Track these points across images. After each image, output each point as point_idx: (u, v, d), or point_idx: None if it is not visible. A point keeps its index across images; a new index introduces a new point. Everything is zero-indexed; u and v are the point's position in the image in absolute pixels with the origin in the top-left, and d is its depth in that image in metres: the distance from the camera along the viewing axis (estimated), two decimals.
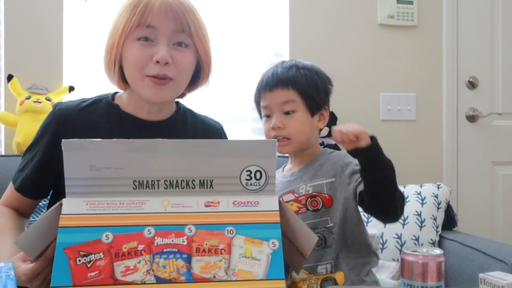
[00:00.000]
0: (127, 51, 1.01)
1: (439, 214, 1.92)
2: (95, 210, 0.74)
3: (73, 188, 0.74)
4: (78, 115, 1.07)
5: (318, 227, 1.13)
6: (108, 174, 0.74)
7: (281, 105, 1.14)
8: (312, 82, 1.16)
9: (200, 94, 2.06)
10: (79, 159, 0.73)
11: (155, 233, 0.73)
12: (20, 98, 1.92)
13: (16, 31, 1.99)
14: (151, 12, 0.98)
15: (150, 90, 1.01)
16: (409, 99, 2.39)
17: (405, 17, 2.37)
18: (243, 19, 2.24)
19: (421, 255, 0.78)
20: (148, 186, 0.75)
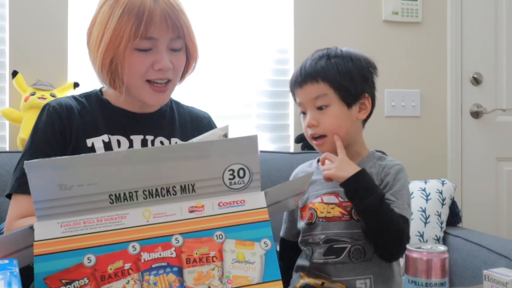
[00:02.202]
0: (126, 58, 1.02)
1: (443, 210, 1.91)
2: (71, 231, 0.68)
3: (44, 210, 0.68)
4: (76, 107, 1.08)
5: (360, 238, 1.04)
6: (81, 191, 0.69)
7: (313, 100, 1.06)
8: (344, 71, 1.06)
9: (204, 90, 2.11)
10: (46, 180, 0.68)
11: (140, 248, 0.68)
12: (24, 94, 1.92)
13: (20, 28, 1.98)
14: (152, 24, 0.99)
15: (151, 96, 1.05)
16: (413, 95, 2.39)
17: (410, 14, 2.36)
18: (247, 15, 2.24)
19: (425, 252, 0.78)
20: (126, 199, 0.70)
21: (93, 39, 1.04)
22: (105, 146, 1.05)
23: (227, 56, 2.20)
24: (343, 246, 1.05)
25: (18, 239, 0.70)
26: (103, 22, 1.01)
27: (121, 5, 1.00)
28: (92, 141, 1.05)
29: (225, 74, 2.19)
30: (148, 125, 1.10)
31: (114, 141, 1.07)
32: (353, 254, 1.05)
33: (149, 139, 1.09)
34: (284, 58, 2.29)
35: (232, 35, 2.22)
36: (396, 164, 1.09)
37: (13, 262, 0.63)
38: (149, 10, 0.99)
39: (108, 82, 1.06)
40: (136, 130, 1.09)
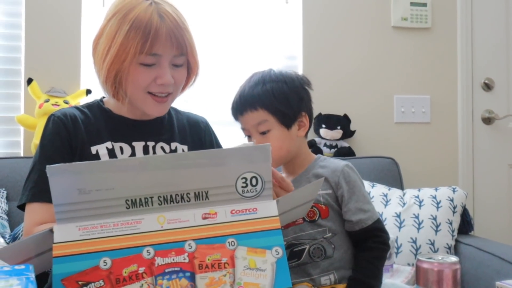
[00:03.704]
0: (130, 72, 1.05)
1: (454, 218, 1.89)
2: (88, 235, 0.70)
3: (63, 214, 0.70)
4: (80, 116, 1.11)
5: (317, 237, 1.12)
6: (99, 196, 0.70)
7: (255, 126, 1.13)
8: (280, 95, 1.12)
9: (213, 97, 2.12)
10: (67, 184, 0.70)
11: (154, 253, 0.70)
12: (39, 101, 1.96)
13: (36, 37, 2.03)
14: (158, 41, 1.02)
15: (152, 107, 1.08)
16: (423, 101, 2.37)
17: (419, 19, 2.36)
18: (256, 22, 2.26)
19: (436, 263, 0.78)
20: (141, 204, 0.72)
21: (99, 50, 1.06)
22: (109, 153, 1.08)
23: (236, 62, 2.22)
24: (302, 248, 1.12)
25: (38, 242, 0.71)
26: (110, 36, 1.03)
27: (129, 21, 1.02)
28: (97, 148, 1.08)
29: (234, 81, 2.18)
30: (148, 132, 1.14)
31: (117, 148, 1.09)
32: (313, 254, 1.12)
33: (150, 145, 1.12)
34: (292, 64, 2.30)
35: (241, 42, 2.24)
36: (343, 166, 1.15)
37: (29, 267, 0.64)
38: (156, 28, 1.01)
39: (112, 94, 1.08)
40: (138, 137, 1.12)
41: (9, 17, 2.07)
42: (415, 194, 1.95)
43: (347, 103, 2.29)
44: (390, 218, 1.87)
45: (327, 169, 1.16)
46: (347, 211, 1.13)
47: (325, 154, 2.19)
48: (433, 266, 0.79)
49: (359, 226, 1.12)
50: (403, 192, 1.99)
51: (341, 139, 2.23)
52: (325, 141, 2.22)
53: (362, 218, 1.11)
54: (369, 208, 1.14)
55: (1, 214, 1.73)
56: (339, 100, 2.28)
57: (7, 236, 1.66)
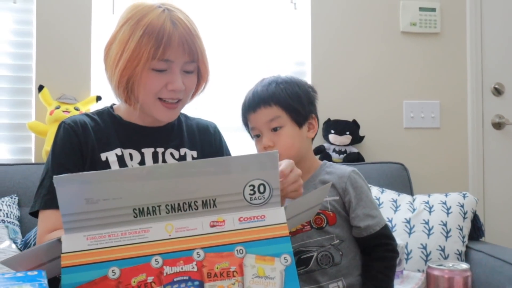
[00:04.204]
0: (142, 77, 1.05)
1: (465, 224, 1.88)
2: (96, 244, 0.70)
3: (71, 224, 0.70)
4: (90, 123, 1.12)
5: (324, 244, 1.13)
6: (106, 205, 0.70)
7: (267, 123, 1.14)
8: (293, 94, 1.16)
9: (222, 103, 2.12)
10: (74, 194, 0.70)
11: (163, 262, 0.70)
12: (50, 107, 1.98)
13: (46, 44, 2.05)
14: (170, 48, 1.03)
15: (162, 113, 1.09)
16: (433, 107, 2.36)
17: (428, 24, 2.35)
18: (265, 28, 2.27)
19: (447, 270, 0.79)
20: (149, 213, 0.72)
21: (112, 56, 1.07)
22: (118, 160, 1.08)
23: (244, 68, 2.23)
24: (310, 255, 1.13)
25: (47, 251, 0.72)
26: (123, 41, 1.04)
27: (141, 27, 1.03)
28: (106, 155, 1.08)
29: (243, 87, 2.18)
30: (158, 138, 1.14)
31: (126, 154, 1.10)
32: (321, 261, 1.13)
33: (160, 151, 1.12)
34: (301, 70, 2.30)
35: (250, 48, 2.25)
36: (350, 172, 1.16)
37: (42, 273, 0.65)
38: (168, 35, 1.02)
39: (124, 99, 1.09)
40: (147, 143, 1.12)
41: (20, 25, 2.09)
42: (425, 200, 1.94)
43: (356, 109, 2.29)
44: (400, 224, 1.86)
45: (333, 175, 1.17)
46: (354, 217, 1.13)
47: (334, 159, 2.18)
48: (444, 273, 0.79)
49: (367, 232, 1.12)
50: (413, 198, 1.98)
51: (350, 144, 2.22)
52: (334, 146, 2.22)
53: (370, 224, 1.12)
54: (377, 214, 1.14)
55: (13, 220, 1.74)
56: (348, 106, 2.28)
57: (18, 242, 1.67)
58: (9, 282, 0.61)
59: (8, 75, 2.08)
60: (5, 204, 1.75)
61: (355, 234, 1.14)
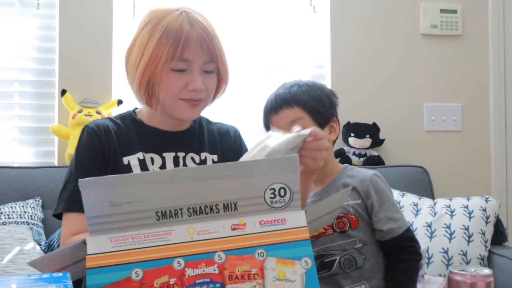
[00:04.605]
0: (162, 78, 1.07)
1: (487, 229, 1.86)
2: (120, 246, 0.71)
3: (95, 226, 0.72)
4: (113, 127, 1.13)
5: (347, 248, 1.13)
6: (129, 208, 0.72)
7: (289, 124, 1.13)
8: (315, 96, 1.17)
9: (242, 107, 2.13)
10: (99, 197, 0.71)
11: (185, 264, 0.70)
12: (72, 111, 2.01)
13: (69, 49, 2.10)
14: (189, 47, 1.05)
15: (184, 111, 1.09)
16: (454, 109, 2.34)
17: (449, 26, 2.33)
18: (284, 31, 2.27)
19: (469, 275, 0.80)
20: (171, 216, 0.73)
21: (132, 60, 1.09)
22: (140, 164, 1.09)
23: (264, 71, 2.23)
24: (333, 259, 1.13)
25: (72, 253, 0.73)
26: (143, 44, 1.06)
27: (160, 29, 1.05)
28: (128, 159, 1.09)
29: (263, 90, 2.17)
30: (179, 142, 1.14)
31: (148, 158, 1.10)
32: (344, 264, 1.13)
33: (181, 156, 1.13)
34: (321, 73, 2.30)
35: (269, 51, 2.26)
36: (372, 175, 1.17)
37: (67, 275, 0.66)
38: (186, 35, 1.04)
39: (145, 101, 1.10)
40: (168, 148, 1.13)
41: (44, 31, 2.14)
42: (446, 204, 1.92)
43: (376, 112, 2.28)
44: (421, 228, 1.85)
45: (355, 179, 1.17)
46: (377, 221, 1.13)
47: (354, 163, 2.17)
48: (466, 279, 0.78)
49: (390, 236, 1.12)
50: (434, 202, 1.96)
51: (370, 147, 2.21)
52: (354, 149, 2.21)
53: (392, 227, 1.12)
54: (399, 217, 1.14)
55: (37, 222, 1.77)
56: (368, 109, 2.27)
57: (42, 243, 1.70)
58: (36, 283, 0.62)
59: (32, 79, 2.13)
60: (29, 206, 1.78)
61: (378, 237, 1.14)
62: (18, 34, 2.11)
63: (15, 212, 1.74)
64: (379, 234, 1.13)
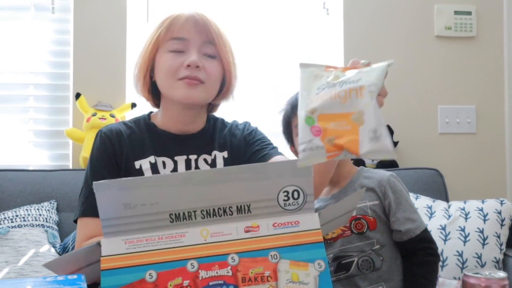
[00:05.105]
0: (159, 61, 1.08)
1: (502, 231, 1.85)
2: (134, 248, 0.72)
3: (110, 228, 0.72)
4: (125, 131, 1.13)
5: (365, 250, 1.13)
6: (144, 210, 0.72)
7: None
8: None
9: (254, 108, 2.13)
10: (113, 199, 0.72)
11: (198, 266, 0.70)
12: (86, 115, 2.03)
13: (83, 53, 2.11)
14: (181, 25, 1.05)
15: (183, 91, 1.06)
16: (468, 112, 2.33)
17: (463, 28, 2.31)
18: (298, 34, 2.27)
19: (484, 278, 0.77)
20: (185, 218, 0.73)
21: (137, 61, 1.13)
22: (151, 167, 1.08)
23: (276, 74, 2.23)
24: (351, 260, 1.13)
25: (86, 255, 0.74)
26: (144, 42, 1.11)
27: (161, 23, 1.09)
28: (140, 163, 1.09)
29: (275, 92, 2.20)
30: (190, 145, 1.13)
31: (160, 162, 1.10)
32: (362, 266, 1.13)
33: (193, 159, 1.12)
34: None
35: (282, 54, 2.25)
36: (389, 176, 1.18)
37: (81, 277, 0.67)
38: (177, 15, 1.06)
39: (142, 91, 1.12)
40: (180, 151, 1.12)
41: (58, 35, 2.16)
42: (460, 207, 1.91)
43: (390, 114, 2.24)
44: (435, 231, 1.84)
45: (372, 180, 1.18)
46: (395, 221, 1.14)
47: (368, 165, 2.16)
48: (480, 282, 0.78)
49: (408, 236, 1.13)
50: (448, 204, 1.96)
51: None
52: None
53: (410, 227, 1.13)
54: (417, 218, 1.15)
55: (52, 225, 1.78)
56: (381, 111, 2.24)
57: (57, 246, 1.71)
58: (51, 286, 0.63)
59: (47, 83, 2.15)
60: (44, 209, 1.80)
61: (396, 238, 1.14)
62: (33, 38, 2.13)
63: (31, 214, 1.75)
64: (397, 234, 1.14)
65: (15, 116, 2.11)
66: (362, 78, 0.66)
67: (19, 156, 2.10)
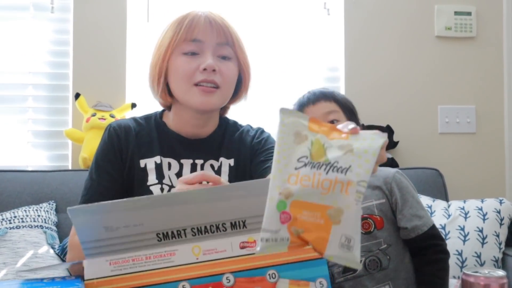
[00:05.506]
0: (173, 64, 1.05)
1: (502, 231, 1.86)
2: (120, 270, 0.67)
3: (91, 250, 0.67)
4: (135, 128, 1.11)
5: (372, 249, 1.12)
6: (127, 232, 0.67)
7: (325, 115, 1.15)
8: (349, 101, 1.22)
9: (255, 109, 2.12)
10: (92, 224, 0.67)
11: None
12: (86, 115, 2.01)
13: (83, 52, 2.09)
14: (197, 27, 1.02)
15: (199, 98, 1.04)
16: (468, 112, 2.33)
17: (463, 29, 2.32)
18: (298, 34, 2.26)
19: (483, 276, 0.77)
20: (174, 236, 0.68)
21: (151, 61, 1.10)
22: (156, 167, 1.06)
23: (277, 74, 2.22)
24: None
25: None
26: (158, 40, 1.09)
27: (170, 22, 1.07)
28: (146, 162, 1.07)
29: (276, 92, 2.21)
30: (198, 149, 1.11)
31: (165, 163, 1.07)
32: (369, 266, 1.12)
33: (199, 163, 1.09)
34: (334, 76, 2.29)
35: (283, 54, 2.24)
36: (394, 173, 1.17)
37: (79, 279, 0.66)
38: (193, 16, 1.04)
39: (160, 95, 1.08)
40: (187, 154, 1.10)
41: (58, 35, 2.14)
42: (460, 206, 1.92)
43: (390, 114, 2.27)
44: None
45: (377, 178, 1.17)
46: (401, 218, 1.13)
47: None
48: (479, 280, 0.78)
49: (415, 233, 1.11)
50: (448, 204, 1.96)
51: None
52: None
53: (417, 224, 1.11)
54: (424, 214, 1.14)
55: (51, 226, 1.77)
56: (381, 111, 2.26)
57: (56, 247, 1.70)
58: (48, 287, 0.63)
59: (46, 83, 2.13)
60: (43, 210, 1.78)
61: (403, 235, 1.14)
62: (32, 38, 2.11)
63: (29, 215, 1.74)
64: (404, 232, 1.13)
65: (14, 117, 2.09)
66: (352, 165, 0.58)
67: (17, 157, 2.08)
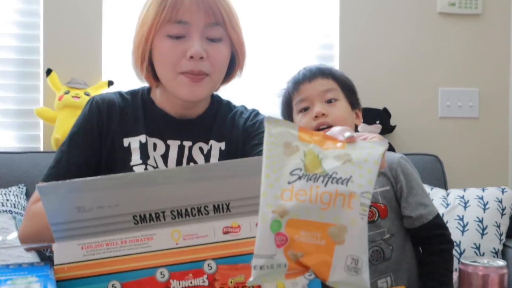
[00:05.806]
0: (157, 47, 0.99)
1: (503, 221, 1.85)
2: (93, 254, 0.65)
3: (62, 232, 0.65)
4: (119, 104, 1.07)
5: (375, 239, 1.12)
6: (101, 213, 0.65)
7: (322, 93, 1.14)
8: (348, 79, 1.20)
9: (245, 89, 2.03)
10: (62, 203, 0.64)
11: (169, 275, 0.64)
12: (58, 93, 1.95)
13: (55, 24, 2.03)
14: (182, 6, 0.96)
15: (185, 89, 0.99)
16: (471, 95, 2.29)
17: (468, 5, 2.26)
18: (290, 10, 2.22)
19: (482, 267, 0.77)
20: (152, 219, 0.66)
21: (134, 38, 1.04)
22: (140, 147, 1.02)
23: (269, 52, 2.19)
24: None
25: None
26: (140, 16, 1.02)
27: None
28: (129, 141, 1.03)
29: (268, 72, 2.17)
30: (187, 131, 1.07)
31: (150, 143, 1.04)
32: (372, 256, 1.12)
33: (187, 145, 1.05)
34: (328, 54, 2.25)
35: (275, 30, 2.20)
36: (399, 158, 1.17)
37: (49, 265, 0.65)
38: None
39: (146, 78, 1.04)
40: (174, 135, 1.06)
41: (26, 4, 2.05)
42: (460, 195, 1.91)
43: (387, 96, 2.23)
44: None
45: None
46: (406, 206, 1.13)
47: None
48: (478, 270, 0.78)
49: (420, 222, 1.12)
50: (447, 192, 1.95)
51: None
52: None
53: (422, 213, 1.12)
54: (428, 202, 1.14)
55: (21, 211, 1.72)
56: (378, 93, 2.21)
57: None
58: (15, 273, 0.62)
59: (14, 58, 2.06)
60: (12, 194, 1.75)
61: (407, 224, 1.14)
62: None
63: None
64: (408, 221, 1.13)
65: None
66: (352, 176, 0.53)
67: None
